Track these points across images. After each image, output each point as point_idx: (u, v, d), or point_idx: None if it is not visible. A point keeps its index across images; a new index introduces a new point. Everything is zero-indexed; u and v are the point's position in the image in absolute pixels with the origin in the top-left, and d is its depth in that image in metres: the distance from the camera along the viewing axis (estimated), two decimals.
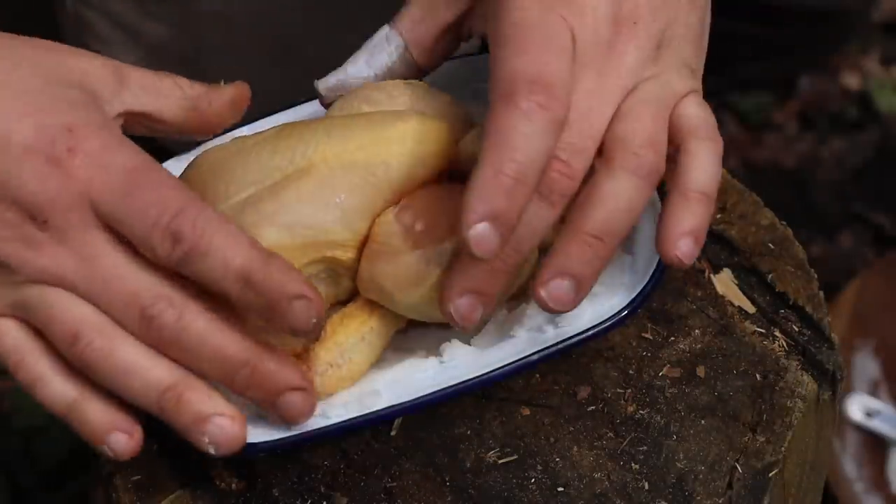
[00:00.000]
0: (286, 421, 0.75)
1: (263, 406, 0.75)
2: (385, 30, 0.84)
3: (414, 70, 0.84)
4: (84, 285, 0.73)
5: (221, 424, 0.73)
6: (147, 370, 0.73)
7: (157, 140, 0.85)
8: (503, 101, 0.72)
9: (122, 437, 0.74)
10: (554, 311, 0.76)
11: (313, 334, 0.73)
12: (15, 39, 0.77)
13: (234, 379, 0.74)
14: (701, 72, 0.81)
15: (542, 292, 0.75)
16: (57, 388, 0.75)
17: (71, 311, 0.73)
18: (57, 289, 0.73)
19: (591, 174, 0.77)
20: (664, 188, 0.82)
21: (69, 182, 0.72)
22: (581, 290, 0.75)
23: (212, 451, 0.73)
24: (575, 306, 0.76)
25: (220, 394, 0.74)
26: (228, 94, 0.82)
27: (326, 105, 0.85)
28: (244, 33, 1.17)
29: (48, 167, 0.72)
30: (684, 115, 0.79)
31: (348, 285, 0.80)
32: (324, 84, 0.85)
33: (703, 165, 0.77)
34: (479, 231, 0.71)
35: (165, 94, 0.81)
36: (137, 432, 0.74)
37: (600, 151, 0.76)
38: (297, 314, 0.71)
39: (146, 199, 0.72)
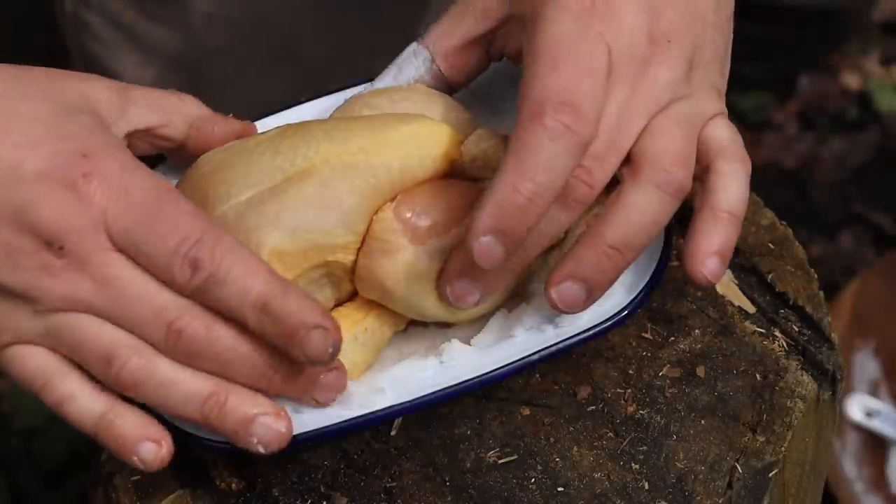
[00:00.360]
0: (322, 402, 0.76)
1: (301, 398, 0.76)
2: (413, 45, 0.84)
3: (443, 84, 0.84)
4: (107, 307, 0.73)
5: (267, 423, 0.73)
6: (186, 381, 0.73)
7: None
8: (531, 119, 0.72)
9: (151, 447, 0.73)
10: (563, 312, 0.77)
11: (329, 363, 0.73)
12: (17, 69, 0.77)
13: (271, 381, 0.74)
14: (724, 94, 0.82)
15: (553, 293, 0.76)
16: (85, 403, 0.74)
17: (99, 334, 0.73)
18: (81, 314, 0.73)
19: (612, 185, 0.77)
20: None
21: (86, 207, 0.72)
22: (591, 297, 0.76)
23: (262, 450, 0.73)
24: (584, 309, 0.77)
25: (260, 393, 0.75)
26: (235, 126, 0.83)
27: None
28: (243, 34, 1.17)
29: (64, 192, 0.72)
30: (713, 136, 0.79)
31: (349, 288, 0.80)
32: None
33: (733, 186, 0.78)
34: (484, 243, 0.72)
35: (170, 111, 0.81)
36: (167, 441, 0.74)
37: (628, 164, 0.77)
38: (315, 344, 0.71)
39: (165, 226, 0.72)
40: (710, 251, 0.77)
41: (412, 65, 0.84)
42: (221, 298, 0.72)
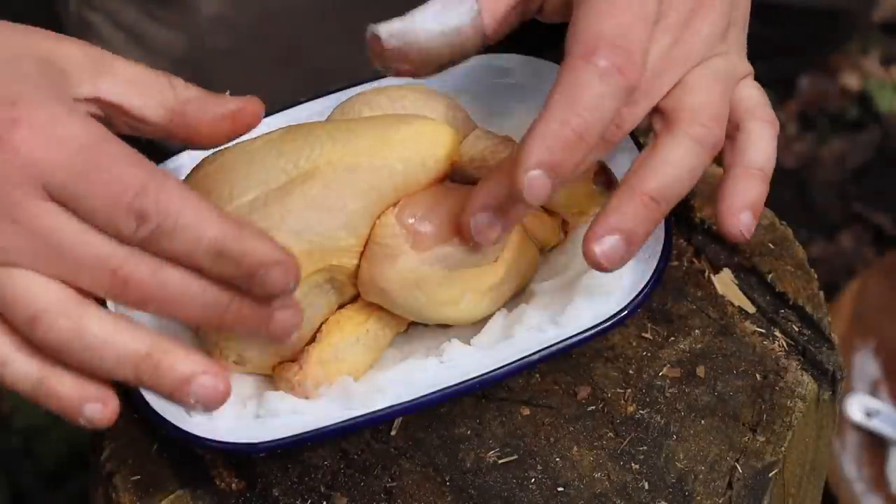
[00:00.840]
0: (276, 337, 0.73)
1: (255, 333, 0.73)
2: None
3: (479, 38, 0.82)
4: (44, 259, 0.70)
5: (204, 383, 0.71)
6: (118, 343, 0.71)
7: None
8: (582, 58, 0.72)
9: (97, 407, 0.71)
10: (603, 269, 0.75)
11: (289, 296, 0.71)
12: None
13: (223, 318, 0.72)
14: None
15: (596, 248, 0.75)
16: (20, 367, 0.71)
17: (31, 292, 0.70)
18: (16, 269, 0.70)
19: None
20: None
21: (13, 156, 0.69)
22: (630, 250, 0.75)
23: (200, 409, 0.72)
24: (622, 265, 0.76)
25: (196, 350, 0.73)
26: (228, 106, 0.77)
27: (382, 53, 0.79)
28: (248, 38, 1.17)
29: None
30: (744, 96, 0.80)
31: (353, 291, 0.80)
32: (386, 28, 0.79)
33: (762, 145, 0.79)
34: (534, 177, 0.71)
35: (152, 93, 0.76)
36: (112, 399, 0.72)
37: (663, 117, 0.77)
38: (276, 280, 0.70)
39: (104, 177, 0.69)
40: (743, 205, 0.78)
41: (456, 10, 0.80)
42: (173, 248, 0.70)
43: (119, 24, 1.17)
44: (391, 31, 0.79)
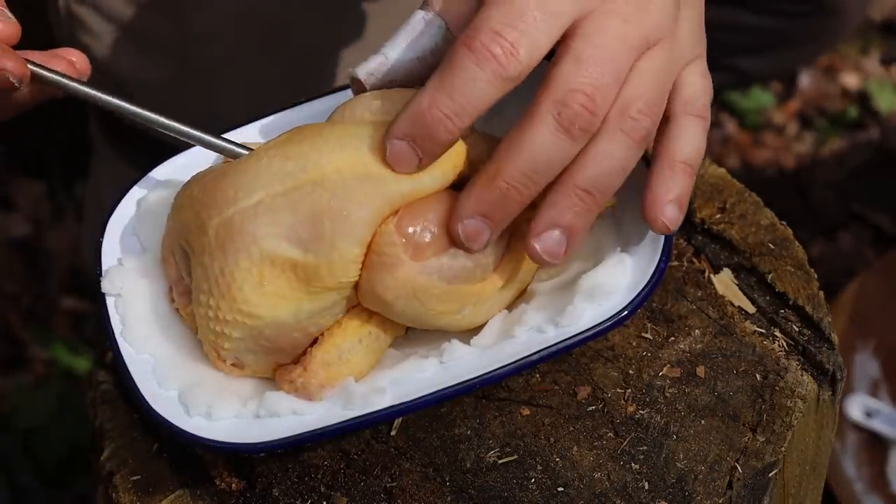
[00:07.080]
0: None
1: None
2: (420, 14, 0.82)
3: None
4: None
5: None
6: None
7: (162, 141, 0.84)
8: (461, 42, 0.74)
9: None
10: (545, 264, 0.78)
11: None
12: None
13: None
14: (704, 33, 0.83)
15: (536, 244, 0.77)
16: None
17: None
18: None
19: None
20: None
21: None
22: (572, 243, 0.77)
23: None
24: (565, 259, 0.78)
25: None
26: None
27: (363, 89, 0.83)
28: (233, 23, 1.17)
29: None
30: (685, 84, 0.81)
31: (356, 297, 0.80)
32: (364, 70, 0.82)
33: (690, 139, 0.80)
34: (396, 145, 0.76)
35: None
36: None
37: None
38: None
39: None
40: (668, 199, 0.79)
41: (427, 34, 0.82)
42: None
43: (107, 16, 1.17)
44: (369, 70, 0.82)
